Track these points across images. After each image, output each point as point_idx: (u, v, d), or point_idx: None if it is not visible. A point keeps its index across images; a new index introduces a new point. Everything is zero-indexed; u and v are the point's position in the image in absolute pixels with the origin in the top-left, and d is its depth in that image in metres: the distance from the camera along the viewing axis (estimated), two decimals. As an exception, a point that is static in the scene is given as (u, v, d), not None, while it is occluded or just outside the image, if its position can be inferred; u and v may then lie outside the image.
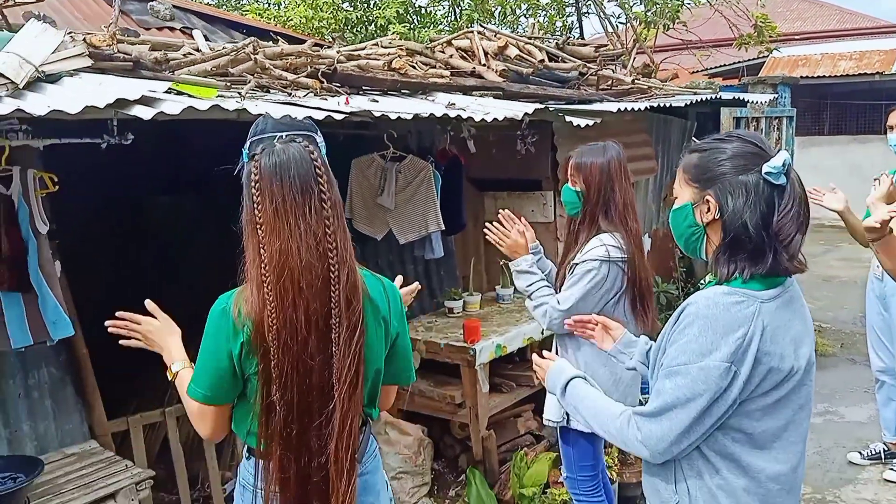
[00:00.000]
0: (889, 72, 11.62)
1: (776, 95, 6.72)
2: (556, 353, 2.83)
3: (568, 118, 3.71)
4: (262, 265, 1.52)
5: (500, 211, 2.92)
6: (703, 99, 5.30)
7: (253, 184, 1.54)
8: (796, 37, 15.25)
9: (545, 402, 2.87)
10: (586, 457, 2.80)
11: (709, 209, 1.60)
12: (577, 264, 2.69)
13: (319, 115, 2.54)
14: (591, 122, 3.85)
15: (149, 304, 1.81)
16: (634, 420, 1.63)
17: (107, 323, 1.79)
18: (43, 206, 2.67)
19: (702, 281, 1.75)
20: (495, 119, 3.28)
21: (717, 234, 1.61)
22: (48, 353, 2.95)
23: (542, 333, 4.04)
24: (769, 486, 1.62)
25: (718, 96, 5.56)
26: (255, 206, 1.52)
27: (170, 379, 1.76)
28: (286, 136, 1.60)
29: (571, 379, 1.84)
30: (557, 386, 1.86)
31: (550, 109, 3.64)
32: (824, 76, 12.73)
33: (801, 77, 11.43)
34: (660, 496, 1.71)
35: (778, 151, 1.56)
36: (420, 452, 3.80)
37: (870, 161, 10.20)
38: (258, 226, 1.52)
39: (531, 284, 2.77)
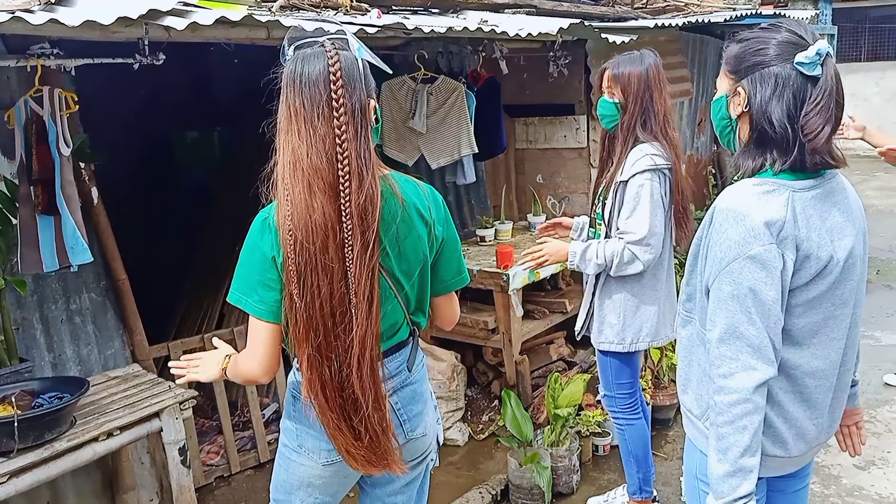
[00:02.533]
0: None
1: (818, 12, 6.45)
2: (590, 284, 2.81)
3: (604, 35, 3.58)
4: (282, 165, 1.53)
5: (536, 233, 2.81)
6: (741, 15, 5.09)
7: (280, 89, 1.55)
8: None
9: (579, 322, 2.86)
10: (623, 374, 2.79)
11: (739, 102, 1.56)
12: (624, 182, 2.58)
13: (351, 30, 2.46)
14: (626, 39, 3.71)
15: (215, 340, 1.88)
16: (727, 350, 1.51)
17: (171, 364, 1.89)
18: (67, 126, 2.64)
19: (733, 179, 1.71)
20: (529, 34, 3.17)
21: (746, 127, 1.57)
22: (89, 279, 2.98)
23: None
24: (807, 381, 1.59)
25: (759, 11, 5.33)
26: (279, 109, 1.54)
27: (223, 368, 1.76)
28: (319, 42, 1.56)
29: None
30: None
31: (586, 25, 3.51)
32: (863, -2, 12.22)
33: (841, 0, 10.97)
34: (696, 395, 1.68)
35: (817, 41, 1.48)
36: (454, 378, 3.83)
37: (908, 87, 9.88)
38: (279, 128, 1.54)
39: (596, 254, 2.62)
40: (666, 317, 2.75)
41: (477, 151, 3.83)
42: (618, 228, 2.61)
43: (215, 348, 1.82)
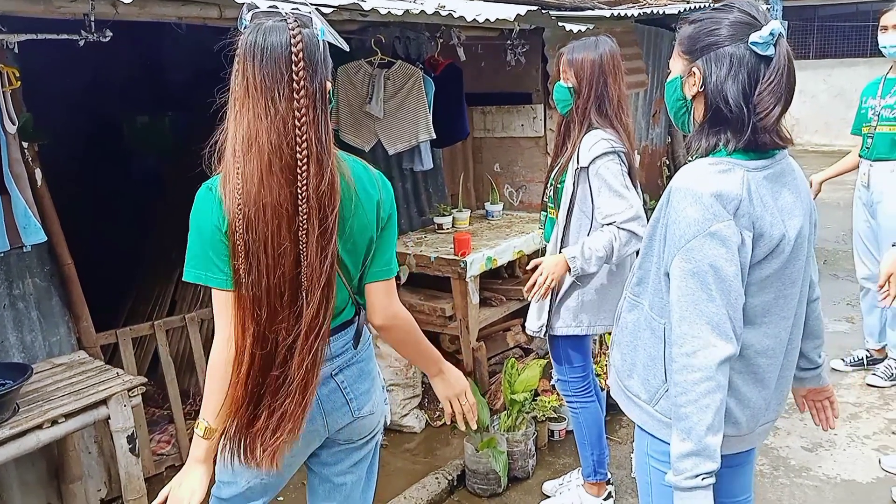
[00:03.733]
0: (878, -8, 11.43)
1: (769, 7, 6.59)
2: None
3: (560, 23, 3.60)
4: (234, 138, 1.48)
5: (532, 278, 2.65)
6: (695, 8, 5.16)
7: (236, 56, 1.49)
8: (785, -43, 14.92)
9: (528, 313, 2.87)
10: (576, 358, 2.81)
11: (694, 82, 1.57)
12: (584, 169, 2.58)
13: (305, 11, 2.42)
14: (583, 28, 3.74)
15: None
16: (688, 330, 1.50)
17: None
18: (12, 105, 2.56)
19: (688, 159, 1.71)
20: (487, 20, 3.17)
21: (701, 107, 1.58)
22: (32, 264, 2.88)
23: (537, 243, 4.02)
24: (758, 360, 1.61)
25: (711, 6, 5.42)
26: (234, 78, 1.49)
27: (202, 434, 1.60)
28: (280, 15, 1.51)
29: None
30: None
31: (542, 13, 3.52)
32: (812, -3, 12.54)
33: (790, -3, 11.23)
34: (643, 379, 1.69)
35: (769, 21, 1.50)
36: (411, 365, 3.82)
37: (854, 85, 10.11)
38: (234, 98, 1.49)
39: (594, 249, 2.53)
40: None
41: (435, 137, 3.81)
42: (604, 216, 2.56)
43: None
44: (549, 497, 3.11)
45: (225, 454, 1.60)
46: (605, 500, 2.96)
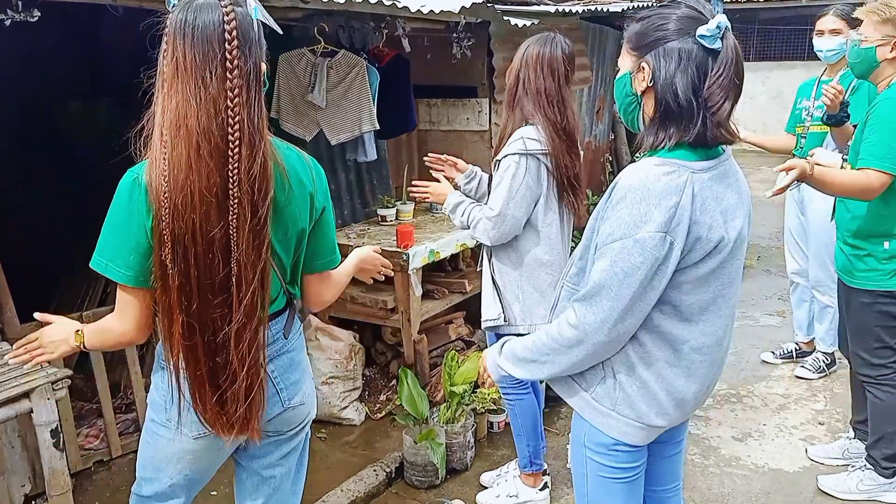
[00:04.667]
0: (815, -3, 11.79)
1: (711, 6, 6.73)
2: (485, 262, 2.81)
3: (505, 17, 3.60)
4: (162, 121, 1.43)
5: (425, 157, 2.89)
6: (641, 6, 5.24)
7: (164, 36, 1.44)
8: (728, -39, 15.27)
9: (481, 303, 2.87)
10: None
11: (644, 77, 1.58)
12: (499, 161, 2.63)
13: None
14: (528, 23, 3.75)
15: (38, 315, 1.74)
16: (568, 311, 1.60)
17: (8, 357, 1.77)
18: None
19: (636, 156, 1.72)
20: (431, 11, 3.16)
21: (650, 102, 1.59)
22: (-50, 251, 2.76)
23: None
24: (692, 357, 1.65)
25: (654, 3, 5.51)
26: (163, 58, 1.44)
27: (78, 343, 1.66)
28: None
29: (502, 346, 1.82)
30: (497, 364, 1.81)
31: (487, 6, 3.52)
32: (752, 0, 12.86)
33: (731, 0, 11.51)
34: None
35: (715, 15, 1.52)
36: (351, 357, 3.79)
37: (791, 87, 10.40)
38: (163, 80, 1.44)
39: (462, 213, 2.72)
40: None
41: (378, 129, 3.78)
42: (487, 202, 2.69)
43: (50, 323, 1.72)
44: (486, 488, 3.13)
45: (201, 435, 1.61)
46: (540, 490, 2.99)
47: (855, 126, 3.10)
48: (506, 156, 2.59)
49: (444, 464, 3.13)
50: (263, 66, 1.52)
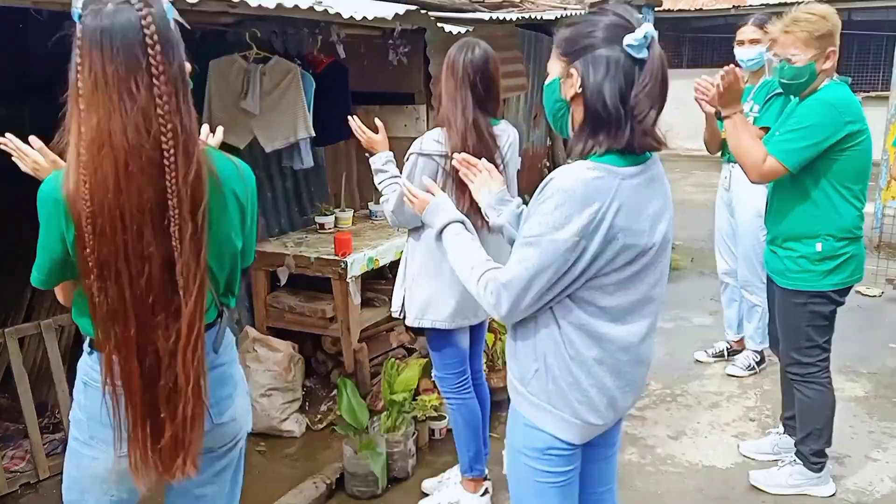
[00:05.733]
0: (744, 6, 12.22)
1: (641, 17, 6.90)
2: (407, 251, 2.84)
3: (440, 24, 3.62)
4: (80, 143, 1.36)
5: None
6: (571, 14, 5.34)
7: (76, 48, 1.36)
8: (660, -29, 15.69)
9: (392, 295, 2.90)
10: (449, 355, 2.84)
11: (573, 83, 1.60)
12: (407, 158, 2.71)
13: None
14: (462, 30, 3.77)
15: (34, 140, 1.73)
16: (491, 286, 1.65)
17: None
18: None
19: (568, 161, 1.75)
20: (365, 18, 3.14)
21: (579, 109, 1.62)
22: None
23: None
24: (619, 356, 1.69)
25: (586, 11, 5.62)
26: (76, 72, 1.36)
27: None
28: None
29: (451, 223, 1.86)
30: (436, 225, 1.88)
31: (422, 13, 3.53)
32: (684, 10, 13.26)
33: (664, 10, 11.82)
34: (520, 363, 1.75)
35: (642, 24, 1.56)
36: (290, 368, 3.73)
37: (722, 93, 10.84)
38: (78, 97, 1.36)
39: (381, 182, 2.77)
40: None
41: (314, 136, 3.74)
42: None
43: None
44: (428, 496, 3.12)
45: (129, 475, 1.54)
46: (481, 496, 3.00)
47: (765, 129, 3.21)
48: (408, 154, 2.67)
49: (385, 473, 3.11)
50: (188, 67, 1.47)
